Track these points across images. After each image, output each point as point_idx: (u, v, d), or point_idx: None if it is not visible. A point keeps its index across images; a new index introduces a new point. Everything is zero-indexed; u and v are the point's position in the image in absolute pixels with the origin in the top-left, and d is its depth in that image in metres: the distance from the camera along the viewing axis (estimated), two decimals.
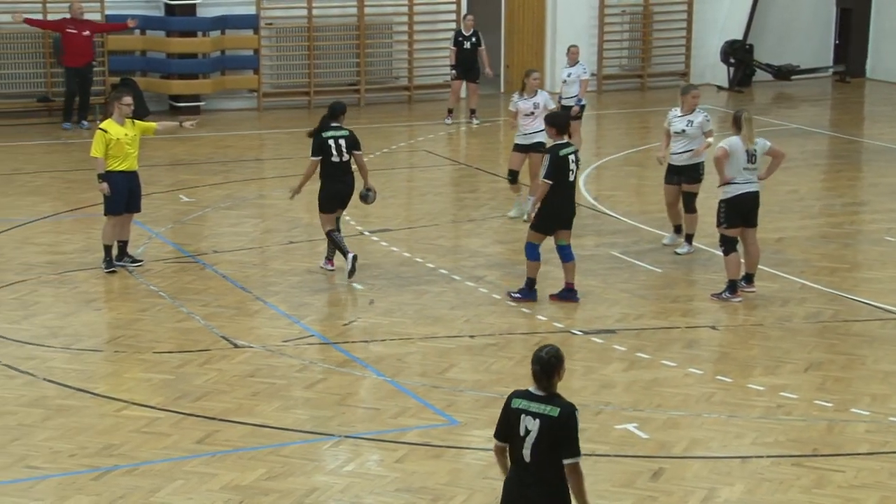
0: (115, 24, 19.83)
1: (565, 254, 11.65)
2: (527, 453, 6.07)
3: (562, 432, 6.05)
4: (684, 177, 13.07)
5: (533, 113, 14.18)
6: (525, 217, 13.73)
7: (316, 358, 10.29)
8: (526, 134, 14.24)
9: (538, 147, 13.85)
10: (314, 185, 12.44)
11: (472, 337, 10.83)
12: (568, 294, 11.70)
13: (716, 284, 12.06)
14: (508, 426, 6.17)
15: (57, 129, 19.44)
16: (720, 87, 23.65)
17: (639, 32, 23.93)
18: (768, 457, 8.56)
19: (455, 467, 8.38)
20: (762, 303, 11.75)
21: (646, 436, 8.85)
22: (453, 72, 20.34)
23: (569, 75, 16.86)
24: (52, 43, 19.93)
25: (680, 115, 13.05)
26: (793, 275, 12.55)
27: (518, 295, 11.67)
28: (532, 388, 6.16)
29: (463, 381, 9.79)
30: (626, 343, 10.68)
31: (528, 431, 6.07)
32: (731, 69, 23.68)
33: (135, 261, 12.58)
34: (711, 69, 23.93)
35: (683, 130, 12.97)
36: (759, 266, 12.06)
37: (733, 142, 11.56)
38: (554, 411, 6.07)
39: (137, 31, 20.24)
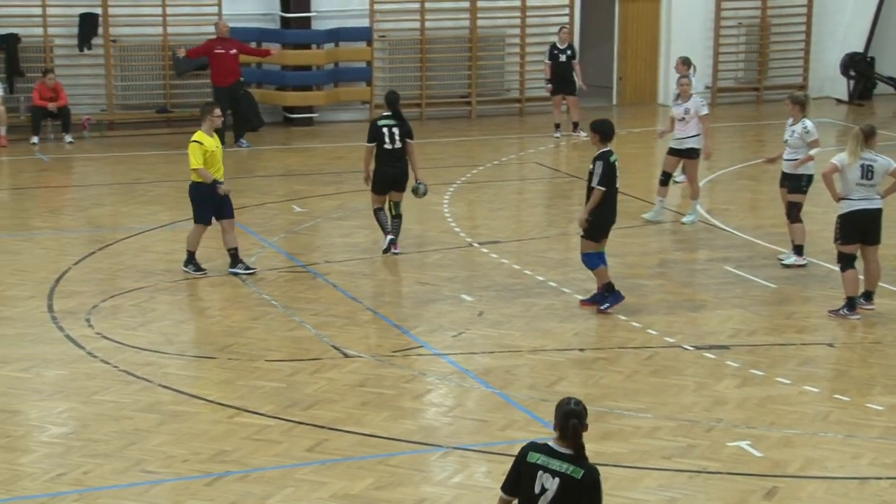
0: (259, 51, 20.04)
1: (599, 260, 11.67)
2: None
3: (584, 498, 5.57)
4: (788, 184, 12.94)
5: (684, 118, 14.61)
6: (692, 220, 14.68)
7: (425, 369, 10.31)
8: (678, 138, 14.74)
9: (690, 153, 14.68)
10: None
11: (581, 350, 10.76)
12: (596, 299, 11.71)
13: (833, 301, 11.80)
14: (519, 480, 5.69)
15: (176, 140, 19.79)
16: (839, 101, 23.18)
17: (755, 44, 23.59)
18: (888, 478, 8.33)
19: None
20: (882, 320, 11.46)
21: (759, 454, 8.68)
22: (549, 86, 20.26)
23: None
24: (172, 55, 20.36)
25: (790, 124, 12.96)
26: None
27: (606, 304, 11.59)
28: (553, 443, 5.66)
29: (572, 395, 9.69)
30: (739, 359, 10.51)
31: (543, 490, 5.59)
32: (851, 82, 23.19)
33: (248, 269, 12.78)
34: (831, 82, 23.47)
35: (786, 140, 13.00)
36: (880, 283, 11.77)
37: (844, 157, 11.34)
38: (577, 472, 5.57)
39: (253, 43, 20.56)
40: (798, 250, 13.03)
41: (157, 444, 8.78)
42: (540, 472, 5.61)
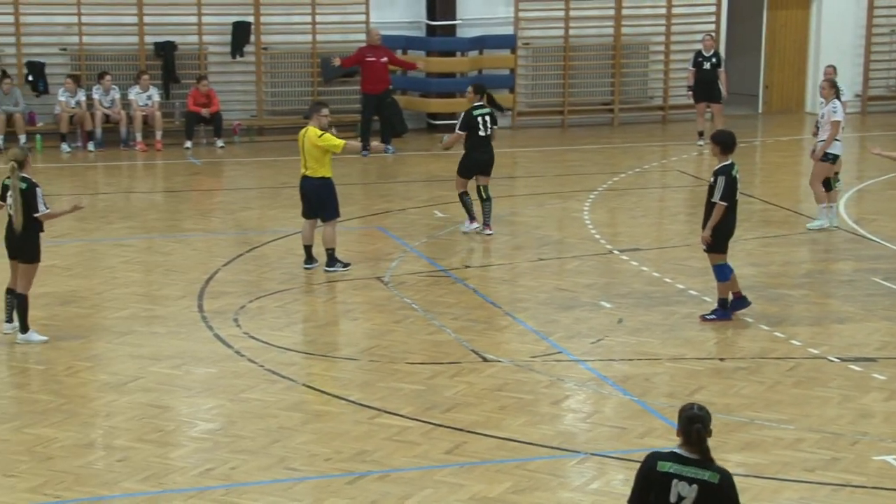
0: (407, 63, 20.27)
1: (729, 269, 11.59)
2: None
3: (723, 502, 5.60)
4: None
5: (819, 122, 14.67)
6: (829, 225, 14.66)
7: (563, 374, 10.34)
8: (818, 141, 14.75)
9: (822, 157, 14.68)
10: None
11: (721, 360, 10.66)
12: (740, 303, 11.62)
13: None
14: (647, 492, 5.69)
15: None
16: None
17: None
18: None
19: None
20: None
21: None
22: (690, 92, 20.09)
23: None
24: (320, 62, 20.77)
25: None
26: None
27: (713, 316, 11.50)
28: (679, 450, 5.66)
29: (712, 404, 9.52)
30: (886, 372, 10.27)
31: (681, 498, 5.60)
32: None
33: (345, 265, 13.17)
34: None
35: None
36: None
37: None
38: (714, 478, 5.60)
39: (399, 51, 20.85)
40: None
41: (301, 442, 8.98)
42: (675, 481, 5.60)
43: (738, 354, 10.77)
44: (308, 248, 13.27)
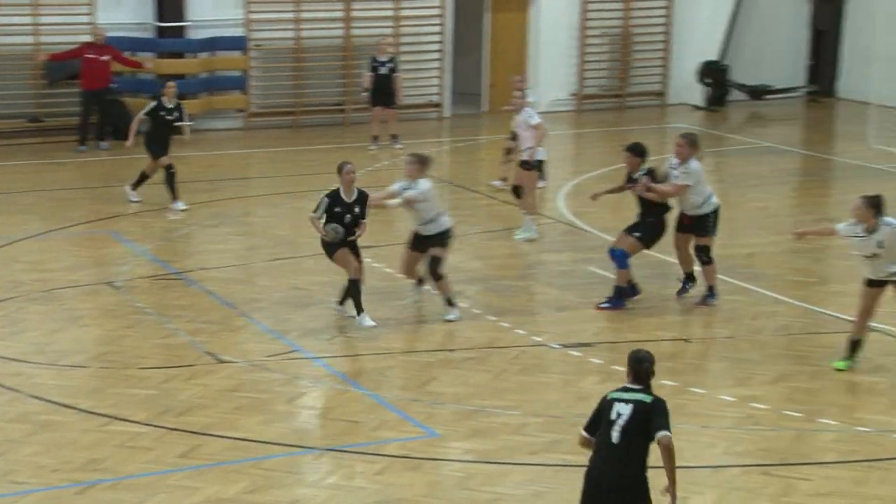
0: (132, 62, 19.96)
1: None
2: (615, 435, 6.68)
3: (654, 413, 6.68)
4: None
5: (516, 131, 15.07)
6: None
7: (298, 372, 10.48)
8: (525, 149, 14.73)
9: (522, 164, 14.76)
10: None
11: (451, 351, 11.04)
12: (633, 291, 12.30)
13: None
14: (599, 417, 6.81)
15: (49, 149, 19.53)
16: (696, 107, 23.94)
17: (618, 53, 24.19)
18: (738, 466, 8.77)
19: (433, 479, 8.58)
20: (734, 316, 11.98)
21: None
22: (363, 94, 20.28)
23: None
24: (43, 64, 20.11)
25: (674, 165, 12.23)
26: (764, 288, 12.79)
27: (607, 304, 12.08)
28: (628, 384, 6.83)
29: (442, 394, 10.00)
30: (601, 356, 10.89)
31: (619, 415, 6.70)
32: (707, 89, 24.00)
33: None
34: (688, 89, 24.23)
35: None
36: (731, 280, 12.29)
37: None
38: (647, 398, 6.74)
39: (128, 53, 20.44)
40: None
41: (27, 454, 8.78)
42: (615, 403, 6.78)
43: (466, 345, 11.17)
44: None
